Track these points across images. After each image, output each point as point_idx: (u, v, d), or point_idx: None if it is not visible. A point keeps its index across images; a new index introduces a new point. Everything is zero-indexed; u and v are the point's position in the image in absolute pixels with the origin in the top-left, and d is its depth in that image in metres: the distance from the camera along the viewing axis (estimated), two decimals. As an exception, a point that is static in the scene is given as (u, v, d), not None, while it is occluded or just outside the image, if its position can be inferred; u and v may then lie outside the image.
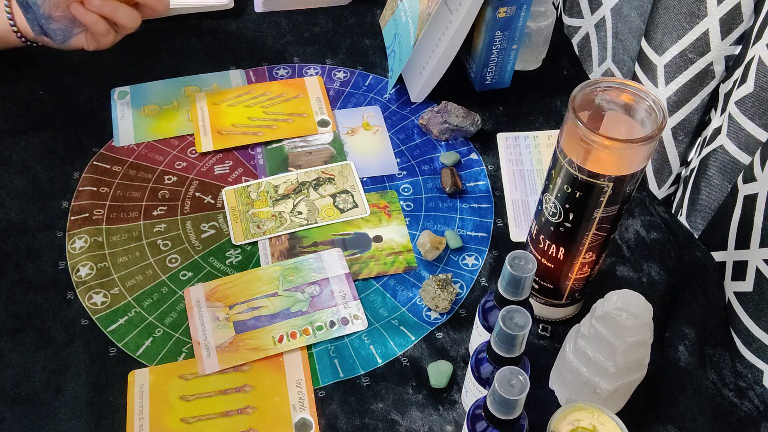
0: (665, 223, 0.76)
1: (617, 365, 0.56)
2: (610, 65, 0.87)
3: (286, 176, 0.78)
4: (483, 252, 0.73)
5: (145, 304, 0.68)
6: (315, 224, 0.74)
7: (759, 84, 0.64)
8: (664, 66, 0.73)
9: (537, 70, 0.91)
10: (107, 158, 0.78)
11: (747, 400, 0.65)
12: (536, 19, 0.86)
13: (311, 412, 0.62)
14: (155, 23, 0.92)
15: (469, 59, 0.87)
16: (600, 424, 0.55)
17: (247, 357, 0.64)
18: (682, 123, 0.76)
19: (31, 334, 0.65)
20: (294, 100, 0.85)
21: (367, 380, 0.64)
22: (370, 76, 0.89)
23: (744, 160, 0.68)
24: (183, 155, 0.79)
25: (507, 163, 0.80)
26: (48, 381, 0.62)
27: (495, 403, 0.49)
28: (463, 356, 0.66)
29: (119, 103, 0.83)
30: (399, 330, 0.67)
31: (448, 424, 0.62)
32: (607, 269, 0.72)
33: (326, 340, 0.66)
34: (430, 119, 0.82)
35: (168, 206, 0.75)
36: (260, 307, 0.67)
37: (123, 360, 0.64)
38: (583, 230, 0.58)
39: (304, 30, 0.94)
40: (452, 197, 0.77)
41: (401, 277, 0.71)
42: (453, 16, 0.77)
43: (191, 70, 0.88)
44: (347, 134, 0.82)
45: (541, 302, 0.67)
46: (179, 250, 0.72)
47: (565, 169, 0.55)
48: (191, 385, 0.63)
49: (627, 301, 0.54)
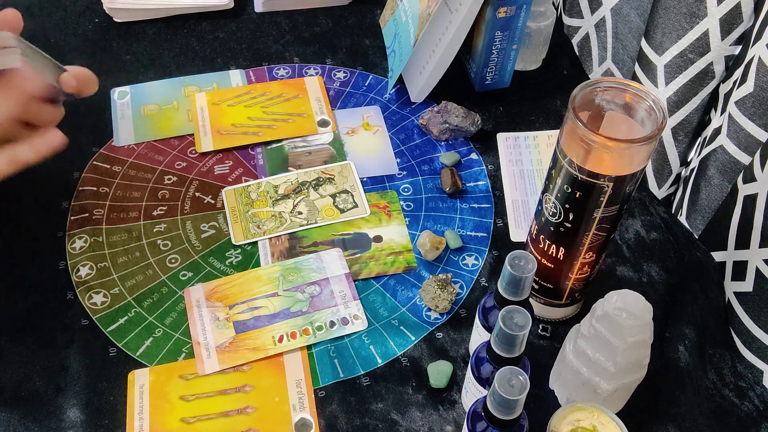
0: (665, 223, 0.76)
1: (617, 365, 0.56)
2: (610, 65, 0.87)
3: (286, 176, 0.78)
4: (483, 252, 0.73)
5: (145, 304, 0.68)
6: (315, 224, 0.74)
7: (759, 84, 0.64)
8: (664, 66, 0.73)
9: (537, 70, 0.91)
10: (107, 158, 0.78)
11: (747, 400, 0.65)
12: (536, 19, 0.86)
13: (311, 412, 0.62)
14: (155, 23, 0.92)
15: (469, 59, 0.87)
16: (600, 424, 0.55)
17: (247, 357, 0.64)
18: (682, 123, 0.76)
19: (31, 334, 0.65)
20: (294, 100, 0.85)
21: (367, 380, 0.64)
22: (370, 76, 0.89)
23: (744, 160, 0.68)
24: (183, 155, 0.79)
25: (507, 163, 0.80)
26: (48, 381, 0.62)
27: (495, 403, 0.49)
28: (463, 356, 0.66)
29: (119, 103, 0.83)
30: (399, 330, 0.67)
31: (448, 424, 0.62)
32: (607, 269, 0.72)
33: (326, 340, 0.66)
34: (430, 119, 0.82)
35: (168, 206, 0.75)
36: (260, 307, 0.67)
37: (123, 360, 0.64)
38: (583, 230, 0.58)
39: (304, 30, 0.94)
40: (452, 197, 0.77)
41: (401, 277, 0.71)
42: (453, 16, 0.77)
43: (191, 70, 0.88)
44: (347, 134, 0.82)
45: (541, 302, 0.67)
46: (179, 250, 0.72)
47: (565, 169, 0.55)
48: (191, 385, 0.63)
49: (627, 301, 0.54)
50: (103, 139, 0.80)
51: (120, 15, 0.91)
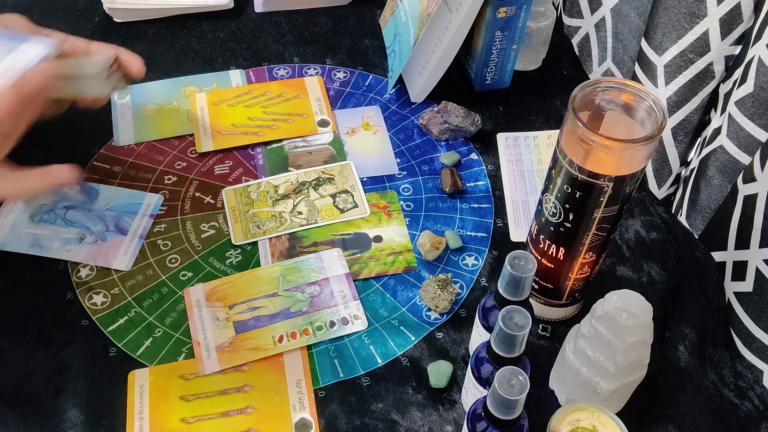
0: (665, 223, 0.76)
1: (617, 365, 0.56)
2: (610, 65, 0.87)
3: (286, 176, 0.78)
4: (483, 252, 0.73)
5: (145, 304, 0.68)
6: (315, 224, 0.74)
7: (759, 84, 0.64)
8: (664, 66, 0.73)
9: (537, 70, 0.91)
10: (107, 158, 0.78)
11: (747, 400, 0.65)
12: (536, 19, 0.86)
13: (311, 412, 0.62)
14: (155, 23, 0.92)
15: (469, 59, 0.87)
16: (600, 424, 0.55)
17: (247, 357, 0.64)
18: (682, 123, 0.76)
19: (31, 334, 0.65)
20: (294, 100, 0.85)
21: (367, 380, 0.64)
22: (370, 76, 0.89)
23: (744, 160, 0.68)
24: (183, 155, 0.79)
25: (507, 163, 0.80)
26: (48, 381, 0.62)
27: (495, 403, 0.49)
28: (463, 356, 0.66)
29: (119, 103, 0.83)
30: (399, 330, 0.67)
31: (448, 424, 0.62)
32: (607, 269, 0.72)
33: (326, 340, 0.66)
34: (430, 119, 0.82)
35: (168, 206, 0.75)
36: (260, 307, 0.67)
37: (123, 360, 0.64)
38: (583, 230, 0.58)
39: (304, 30, 0.94)
40: (452, 197, 0.77)
41: (401, 277, 0.71)
42: (453, 16, 0.77)
43: (191, 70, 0.88)
44: (347, 134, 0.82)
45: (541, 302, 0.67)
46: (179, 250, 0.72)
47: (565, 169, 0.55)
48: (191, 385, 0.63)
49: (627, 301, 0.54)
50: (103, 139, 0.80)
51: (120, 15, 0.91)
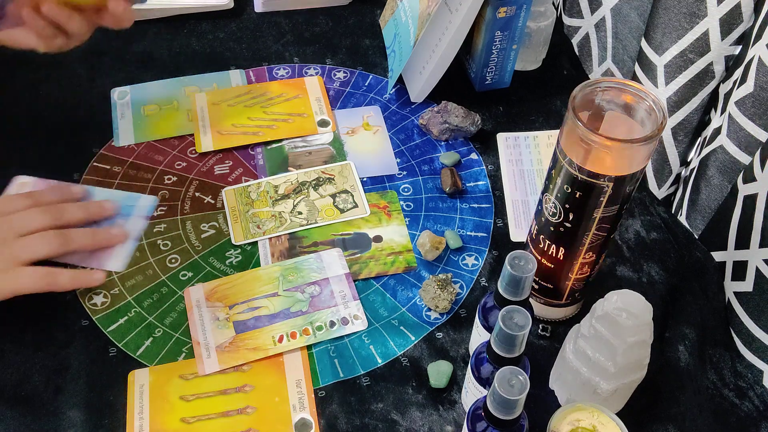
0: (665, 223, 0.76)
1: (617, 365, 0.56)
2: (610, 65, 0.87)
3: (286, 176, 0.78)
4: (483, 252, 0.73)
5: (145, 304, 0.68)
6: (315, 224, 0.74)
7: (759, 84, 0.64)
8: (664, 66, 0.73)
9: (537, 70, 0.91)
10: (107, 158, 0.78)
11: (747, 400, 0.65)
12: (536, 19, 0.86)
13: (311, 412, 0.62)
14: (155, 23, 0.92)
15: (469, 59, 0.87)
16: (600, 424, 0.55)
17: (247, 357, 0.64)
18: (682, 123, 0.77)
19: (31, 334, 0.65)
20: (294, 100, 0.85)
21: (367, 380, 0.64)
22: (370, 76, 0.89)
23: (744, 160, 0.68)
24: (183, 155, 0.79)
25: (507, 163, 0.80)
26: (48, 381, 0.62)
27: (495, 403, 0.49)
28: (463, 356, 0.66)
29: (119, 103, 0.83)
30: (399, 330, 0.67)
31: (448, 424, 0.62)
32: (607, 269, 0.72)
33: (326, 340, 0.66)
34: (430, 119, 0.82)
35: (168, 206, 0.75)
36: (260, 307, 0.67)
37: (123, 360, 0.64)
38: (583, 230, 0.58)
39: (304, 30, 0.94)
40: (452, 197, 0.77)
41: (401, 277, 0.71)
42: (453, 16, 0.77)
43: (191, 70, 0.88)
44: (347, 134, 0.82)
45: (541, 302, 0.67)
46: (179, 250, 0.72)
47: (565, 169, 0.55)
48: (191, 385, 0.63)
49: (627, 301, 0.54)
50: (103, 139, 0.80)
51: (120, 15, 0.91)
